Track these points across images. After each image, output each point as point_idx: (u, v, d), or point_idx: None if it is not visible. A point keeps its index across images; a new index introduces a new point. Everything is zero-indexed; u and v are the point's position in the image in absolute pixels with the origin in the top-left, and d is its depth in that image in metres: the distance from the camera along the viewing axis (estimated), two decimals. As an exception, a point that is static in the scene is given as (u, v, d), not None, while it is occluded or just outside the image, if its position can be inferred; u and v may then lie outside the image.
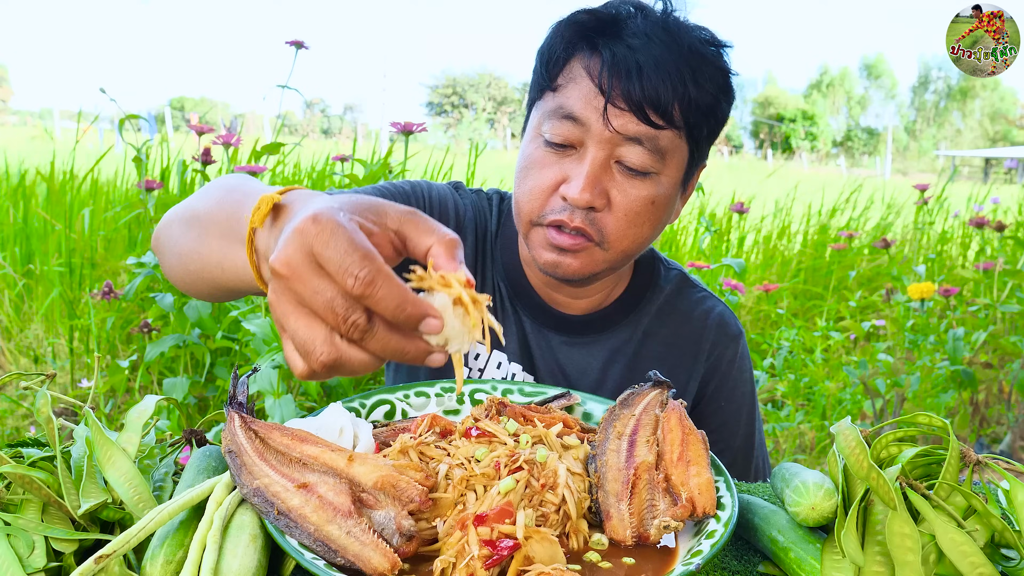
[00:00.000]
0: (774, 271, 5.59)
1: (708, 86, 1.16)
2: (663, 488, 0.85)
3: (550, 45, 1.20)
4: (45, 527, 0.76)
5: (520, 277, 1.35)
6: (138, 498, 0.79)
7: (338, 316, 0.64)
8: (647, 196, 1.18)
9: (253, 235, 0.78)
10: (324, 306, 0.64)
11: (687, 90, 1.14)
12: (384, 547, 0.73)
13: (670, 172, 1.19)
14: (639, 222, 1.19)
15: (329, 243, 0.63)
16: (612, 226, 1.17)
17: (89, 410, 0.88)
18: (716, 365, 1.40)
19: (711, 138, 1.24)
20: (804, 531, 0.84)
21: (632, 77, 1.12)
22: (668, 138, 1.16)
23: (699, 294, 1.43)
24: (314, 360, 0.66)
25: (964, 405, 3.35)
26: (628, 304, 1.38)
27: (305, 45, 2.92)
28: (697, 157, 1.24)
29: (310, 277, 0.65)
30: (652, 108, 1.13)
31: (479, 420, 0.93)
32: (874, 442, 0.84)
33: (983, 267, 3.53)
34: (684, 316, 1.40)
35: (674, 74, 1.13)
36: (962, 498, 0.78)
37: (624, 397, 0.98)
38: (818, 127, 63.83)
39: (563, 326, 1.36)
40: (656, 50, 1.13)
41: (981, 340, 3.25)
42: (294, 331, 0.66)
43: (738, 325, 1.44)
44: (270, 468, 0.80)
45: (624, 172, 1.17)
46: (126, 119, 2.86)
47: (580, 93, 1.15)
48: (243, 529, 0.75)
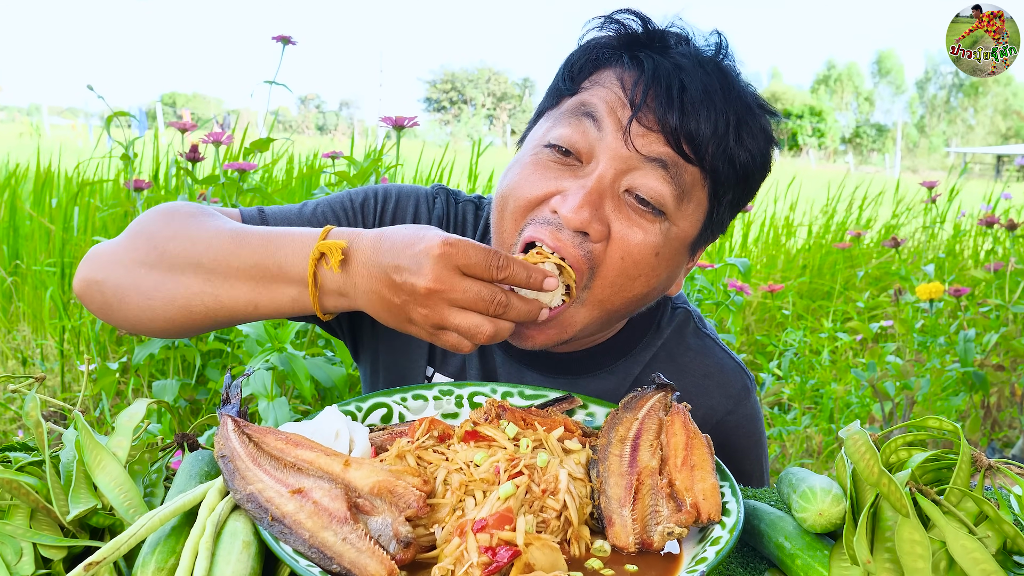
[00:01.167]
0: (779, 270, 5.59)
1: (750, 144, 1.05)
2: (667, 493, 0.85)
3: (582, 48, 1.09)
4: (33, 533, 0.76)
5: None
6: (128, 504, 0.79)
7: (487, 301, 0.90)
8: (651, 244, 1.02)
9: (316, 276, 0.96)
10: (475, 298, 0.90)
11: (727, 137, 1.02)
12: (381, 554, 0.73)
13: (684, 224, 1.05)
14: (633, 274, 1.03)
15: (469, 253, 0.89)
16: (607, 267, 1.02)
17: (78, 413, 0.88)
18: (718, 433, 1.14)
19: (735, 208, 1.11)
20: (811, 538, 0.84)
21: (673, 97, 0.99)
22: (693, 176, 1.02)
23: (701, 342, 1.25)
24: (480, 337, 0.91)
25: (975, 408, 3.35)
26: (620, 347, 1.23)
27: (292, 40, 2.93)
28: (716, 224, 1.10)
29: (459, 282, 0.89)
30: (687, 139, 1.00)
31: (478, 424, 0.93)
32: (883, 446, 0.84)
33: (994, 267, 3.53)
34: (680, 369, 1.23)
35: (720, 111, 1.00)
36: (973, 504, 0.78)
37: (627, 400, 0.98)
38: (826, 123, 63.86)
39: (539, 363, 1.21)
40: (706, 79, 1.01)
41: (993, 342, 3.25)
42: (458, 324, 0.91)
43: (745, 382, 1.26)
44: (264, 473, 0.80)
45: (633, 206, 1.01)
46: (114, 116, 2.86)
47: (605, 98, 1.02)
48: (236, 535, 0.75)
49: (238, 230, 1.03)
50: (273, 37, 2.93)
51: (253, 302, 1.01)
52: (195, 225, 1.05)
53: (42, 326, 3.92)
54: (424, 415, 1.04)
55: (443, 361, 1.26)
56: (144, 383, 3.10)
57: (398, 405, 1.07)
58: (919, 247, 5.76)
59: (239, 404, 0.89)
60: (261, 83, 3.02)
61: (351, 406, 1.04)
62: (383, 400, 1.06)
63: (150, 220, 1.07)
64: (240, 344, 2.70)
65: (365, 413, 1.04)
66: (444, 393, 1.09)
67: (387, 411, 1.06)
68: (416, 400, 1.08)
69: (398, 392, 1.08)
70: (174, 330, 1.07)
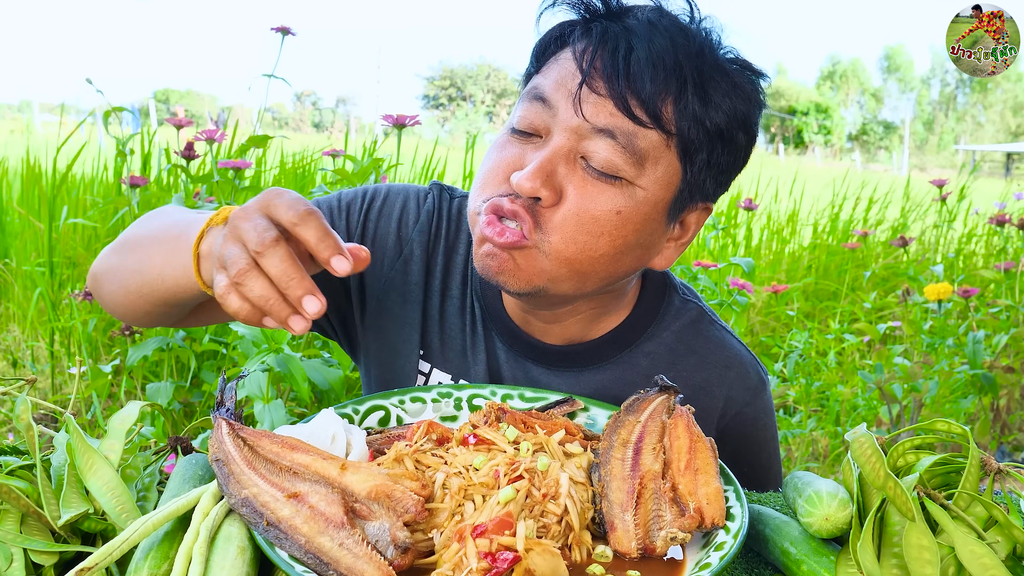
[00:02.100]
0: (783, 270, 5.60)
1: (720, 101, 1.03)
2: (670, 498, 0.85)
3: (546, 33, 1.10)
4: (24, 539, 0.76)
5: (494, 297, 1.22)
6: (121, 508, 0.79)
7: (257, 232, 0.83)
8: (610, 204, 1.02)
9: (204, 235, 0.95)
10: (254, 231, 0.84)
11: (685, 93, 1.00)
12: (378, 559, 0.73)
13: (649, 186, 1.03)
14: (594, 230, 1.02)
15: (283, 193, 0.87)
16: (558, 224, 1.02)
17: (70, 416, 0.88)
18: (735, 425, 1.23)
19: (716, 169, 1.08)
20: (817, 543, 0.84)
21: (618, 59, 0.99)
22: (652, 141, 1.01)
23: (719, 334, 1.25)
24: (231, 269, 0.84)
25: (984, 411, 3.34)
26: (622, 339, 1.22)
27: (292, 31, 2.91)
28: (694, 185, 1.07)
29: (254, 214, 0.85)
30: (636, 99, 0.99)
31: (477, 427, 0.93)
32: (890, 450, 0.84)
33: (1004, 267, 3.53)
34: (698, 360, 1.22)
35: (672, 69, 0.99)
36: (982, 508, 0.78)
37: (629, 403, 0.98)
38: (832, 120, 63.87)
39: (542, 357, 1.22)
40: (658, 40, 1.00)
41: (1003, 343, 3.25)
42: (222, 253, 0.85)
43: (761, 374, 1.26)
44: (259, 477, 0.80)
45: (588, 172, 1.02)
46: (111, 112, 2.86)
47: (557, 74, 1.04)
48: (231, 541, 0.75)
49: (172, 211, 1.11)
50: (272, 28, 2.91)
51: (160, 273, 1.04)
52: (156, 212, 1.15)
53: (32, 327, 3.92)
54: (422, 418, 1.04)
55: (443, 358, 1.25)
56: (137, 385, 3.10)
57: (396, 408, 1.07)
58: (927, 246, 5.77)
59: (234, 407, 0.89)
60: (258, 77, 3.01)
61: (348, 408, 1.04)
62: (380, 403, 1.06)
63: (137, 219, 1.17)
64: (235, 346, 2.70)
65: (362, 416, 1.04)
66: (443, 395, 1.09)
67: (385, 414, 1.06)
68: (414, 403, 1.08)
69: (396, 395, 1.08)
70: (130, 310, 1.13)
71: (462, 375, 1.25)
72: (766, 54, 10.46)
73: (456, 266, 1.25)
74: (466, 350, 1.24)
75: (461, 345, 1.24)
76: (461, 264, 1.25)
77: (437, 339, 1.25)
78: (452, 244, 1.26)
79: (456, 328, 1.25)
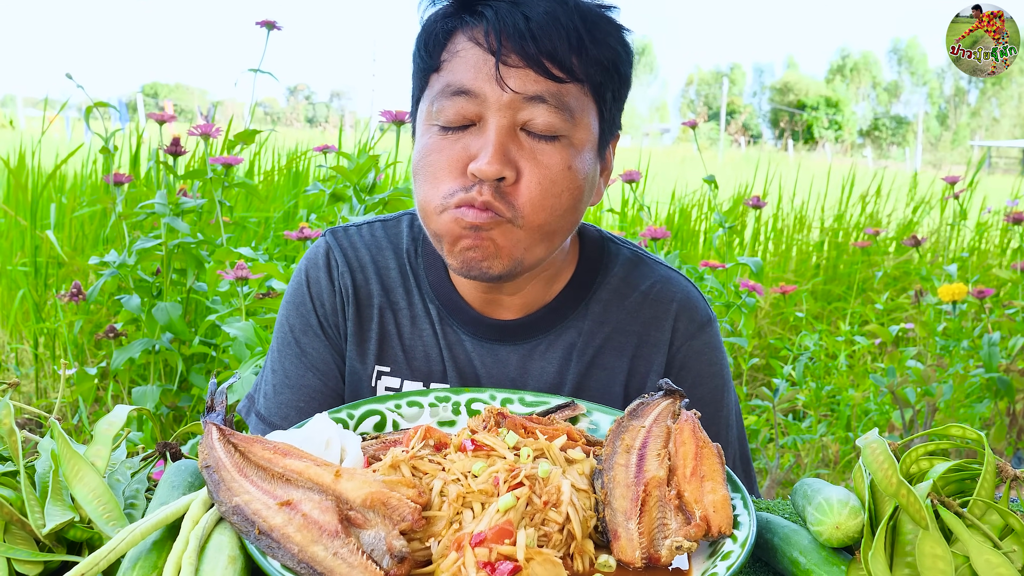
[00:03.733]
0: (791, 269, 5.60)
1: (605, 39, 1.15)
2: (675, 505, 0.85)
3: (427, 24, 1.18)
4: (7, 548, 0.76)
5: (451, 293, 1.30)
6: (108, 516, 0.79)
7: None
8: (560, 161, 1.13)
9: None
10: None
11: (583, 42, 1.12)
12: (374, 569, 0.73)
13: (582, 135, 1.16)
14: (555, 191, 1.14)
15: None
16: (525, 197, 1.12)
17: (55, 421, 0.88)
18: (682, 359, 1.33)
19: (618, 100, 1.22)
20: (827, 552, 0.84)
21: (523, 30, 1.10)
22: (573, 93, 1.14)
23: (660, 271, 1.36)
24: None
25: (1000, 416, 3.34)
26: (575, 295, 1.32)
27: (277, 26, 2.94)
28: (608, 121, 1.21)
29: None
30: (550, 59, 1.10)
31: (476, 432, 0.93)
32: (903, 456, 0.84)
33: (1021, 267, 3.53)
34: (643, 297, 1.33)
35: (567, 25, 1.11)
36: (998, 516, 0.78)
37: (633, 408, 0.98)
38: (843, 115, 63.88)
39: (508, 334, 1.30)
40: (542, 5, 1.11)
41: (1019, 346, 3.25)
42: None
43: (708, 310, 1.36)
44: (251, 484, 0.80)
45: (532, 139, 1.13)
46: (93, 107, 2.86)
47: (468, 63, 1.12)
48: (221, 550, 0.75)
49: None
50: (257, 22, 2.93)
51: None
52: None
53: (17, 329, 3.92)
54: (419, 423, 1.04)
55: (409, 368, 1.31)
56: (124, 389, 3.10)
57: (392, 412, 1.07)
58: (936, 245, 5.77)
59: (224, 412, 0.89)
60: (245, 72, 3.02)
61: (343, 413, 1.04)
62: (376, 407, 1.06)
63: None
64: (226, 348, 2.70)
65: (357, 421, 1.05)
66: (440, 400, 1.09)
67: (380, 418, 1.06)
68: (411, 407, 1.08)
69: (392, 399, 1.08)
70: None
71: (432, 379, 1.30)
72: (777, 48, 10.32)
73: (393, 281, 1.33)
74: (428, 353, 1.31)
75: (423, 351, 1.31)
76: (398, 278, 1.33)
77: (400, 352, 1.32)
78: (382, 264, 1.34)
79: (414, 337, 1.32)
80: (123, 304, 2.68)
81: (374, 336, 1.31)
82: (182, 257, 2.83)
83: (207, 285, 2.88)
